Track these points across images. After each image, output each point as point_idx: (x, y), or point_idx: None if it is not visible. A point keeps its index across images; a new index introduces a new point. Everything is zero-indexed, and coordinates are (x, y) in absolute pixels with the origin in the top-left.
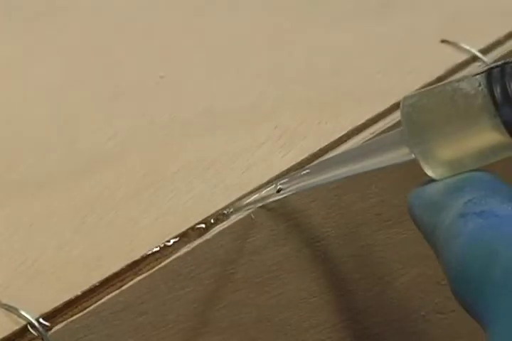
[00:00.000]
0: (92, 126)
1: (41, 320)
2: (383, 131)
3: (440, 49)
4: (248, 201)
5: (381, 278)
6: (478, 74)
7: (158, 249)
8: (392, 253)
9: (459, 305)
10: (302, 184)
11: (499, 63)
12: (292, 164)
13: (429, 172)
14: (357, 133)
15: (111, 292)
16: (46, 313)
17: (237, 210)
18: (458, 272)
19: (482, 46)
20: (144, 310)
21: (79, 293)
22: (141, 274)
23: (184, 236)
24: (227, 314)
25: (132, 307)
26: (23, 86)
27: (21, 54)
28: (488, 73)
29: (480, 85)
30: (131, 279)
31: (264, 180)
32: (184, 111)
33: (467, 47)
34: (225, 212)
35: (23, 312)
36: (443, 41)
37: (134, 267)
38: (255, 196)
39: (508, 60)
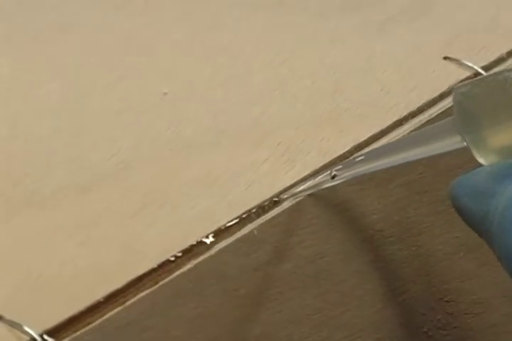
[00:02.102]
0: (96, 143)
1: (45, 336)
2: None
3: (443, 66)
4: (302, 187)
5: (384, 295)
6: None
7: (161, 265)
8: (394, 269)
9: (461, 322)
10: (356, 170)
11: None
12: (295, 180)
13: (481, 160)
14: (359, 150)
15: (114, 308)
16: (50, 329)
17: (291, 196)
18: None
19: (485, 63)
20: (148, 325)
21: (83, 309)
22: (144, 290)
23: (187, 252)
24: (230, 330)
25: (136, 323)
26: (28, 103)
27: (27, 70)
28: None
29: None
30: (135, 295)
31: (268, 196)
32: (187, 127)
33: (470, 64)
34: (280, 197)
35: (26, 328)
36: (445, 58)
37: (137, 283)
38: (310, 182)
39: None
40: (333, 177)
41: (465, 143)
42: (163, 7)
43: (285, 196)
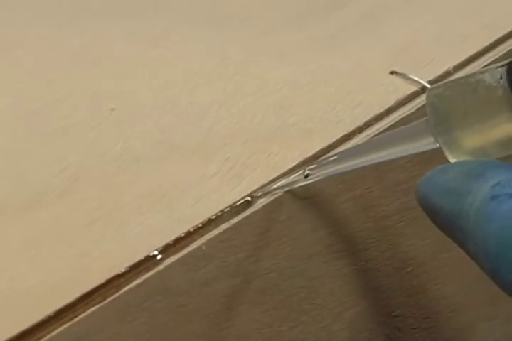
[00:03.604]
0: (43, 159)
1: None
2: None
3: (389, 80)
4: (276, 186)
5: (331, 310)
6: (500, 66)
7: (110, 280)
8: (342, 284)
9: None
10: (329, 170)
11: None
12: (242, 195)
13: (453, 161)
14: (307, 165)
15: (64, 323)
16: None
17: (265, 194)
18: (499, 253)
19: (431, 77)
20: None
21: (33, 324)
22: (93, 305)
23: (136, 268)
24: None
25: (85, 338)
26: None
27: None
28: (509, 66)
29: (501, 78)
30: (84, 310)
31: (215, 212)
32: (135, 143)
33: (416, 79)
34: (254, 195)
35: None
36: (392, 72)
37: (86, 298)
38: (283, 181)
39: None
40: (306, 177)
41: (437, 144)
42: (110, 23)
43: (259, 194)
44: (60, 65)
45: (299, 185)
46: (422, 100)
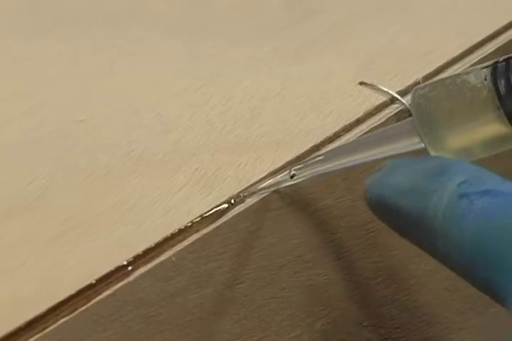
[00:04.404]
0: (12, 171)
1: None
2: None
3: (358, 91)
4: (262, 186)
5: (302, 320)
6: (485, 67)
7: (80, 291)
8: (313, 294)
9: None
10: (315, 170)
11: (505, 57)
12: (211, 206)
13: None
14: (276, 175)
15: (34, 334)
16: None
17: (251, 194)
18: (474, 251)
19: (401, 88)
20: None
21: (3, 336)
22: (64, 317)
23: (106, 279)
24: None
25: None
26: None
27: None
28: (494, 67)
29: (486, 78)
30: (55, 321)
31: (185, 222)
32: (104, 154)
33: (385, 89)
34: (240, 195)
35: None
36: (361, 83)
37: (56, 309)
38: (269, 181)
39: None
40: (292, 177)
41: (423, 144)
42: (80, 34)
43: (245, 194)
44: (28, 77)
45: (285, 185)
46: (391, 110)
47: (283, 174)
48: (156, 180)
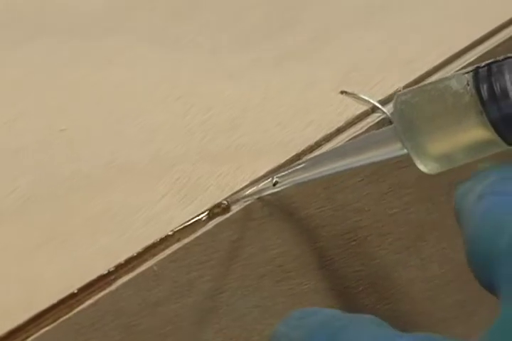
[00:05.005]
0: None
1: None
2: None
3: (339, 100)
4: (245, 193)
5: None
6: (467, 72)
7: (62, 300)
8: (294, 303)
9: None
10: (298, 177)
11: (486, 62)
12: (193, 215)
13: (421, 167)
14: (257, 185)
15: None
16: None
17: (234, 202)
18: (471, 245)
19: (382, 97)
20: None
21: None
22: (45, 326)
23: (88, 288)
24: None
25: None
26: None
27: None
28: (476, 72)
29: (468, 84)
30: (36, 331)
31: (166, 232)
32: (86, 164)
33: (366, 98)
34: (223, 203)
35: None
36: (342, 92)
37: (38, 319)
38: (252, 189)
39: (495, 58)
40: (274, 184)
41: (405, 150)
42: (60, 44)
43: (229, 201)
44: (9, 87)
45: (268, 192)
46: (372, 119)
47: (266, 182)
48: (137, 189)
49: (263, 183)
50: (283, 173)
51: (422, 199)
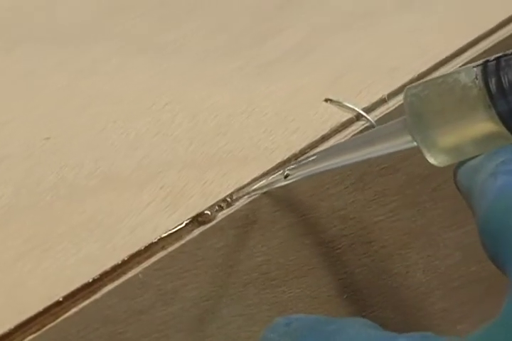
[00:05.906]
0: None
1: None
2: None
3: (324, 108)
4: (255, 186)
5: None
6: (475, 66)
7: (47, 308)
8: (279, 312)
9: None
10: (309, 170)
11: (495, 56)
12: (178, 223)
13: (431, 160)
14: (287, 166)
15: None
16: None
17: (244, 195)
18: (483, 225)
19: (366, 104)
20: None
21: None
22: (30, 334)
23: (73, 296)
24: None
25: None
26: None
27: None
28: (484, 66)
29: (476, 77)
30: (22, 339)
31: (151, 240)
32: (70, 172)
33: (351, 106)
34: (233, 197)
35: None
36: (326, 100)
37: (23, 327)
38: (262, 181)
39: (504, 52)
40: (286, 177)
41: (415, 143)
42: (45, 53)
43: (239, 195)
44: None
45: (279, 185)
46: (356, 127)
47: (276, 174)
48: (122, 197)
49: (273, 176)
50: (294, 166)
51: (407, 206)
